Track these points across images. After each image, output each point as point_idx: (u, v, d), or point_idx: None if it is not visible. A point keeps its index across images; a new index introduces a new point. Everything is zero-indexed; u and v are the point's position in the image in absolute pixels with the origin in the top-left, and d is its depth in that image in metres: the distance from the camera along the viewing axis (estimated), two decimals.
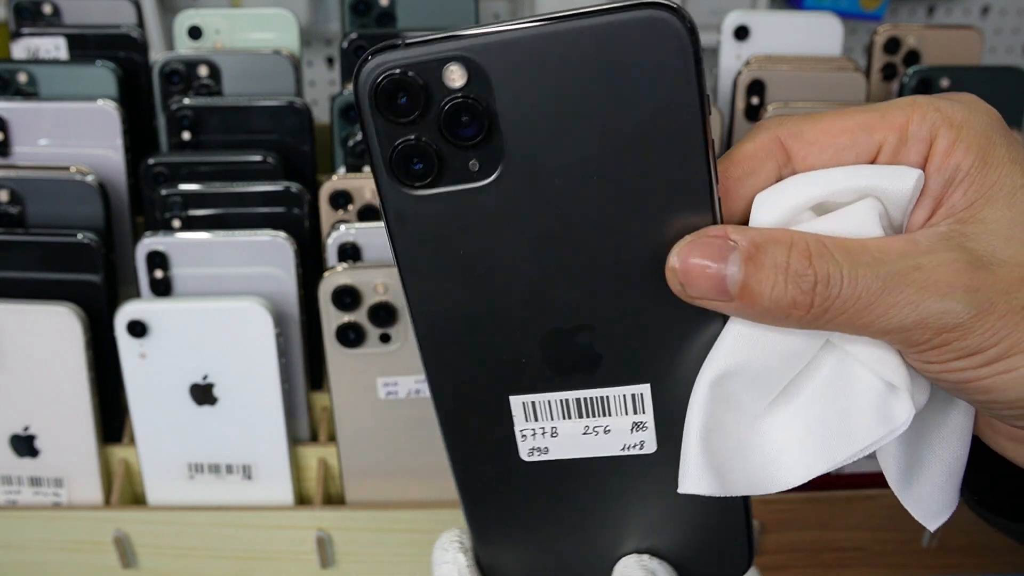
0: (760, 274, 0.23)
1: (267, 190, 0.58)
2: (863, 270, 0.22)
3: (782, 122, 0.25)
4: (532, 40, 0.20)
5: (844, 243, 0.23)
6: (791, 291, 0.22)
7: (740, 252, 0.23)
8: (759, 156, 0.25)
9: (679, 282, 0.23)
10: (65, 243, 0.55)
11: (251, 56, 0.67)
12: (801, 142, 0.25)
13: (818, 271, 0.22)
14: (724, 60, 0.75)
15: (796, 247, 0.23)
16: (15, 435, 0.56)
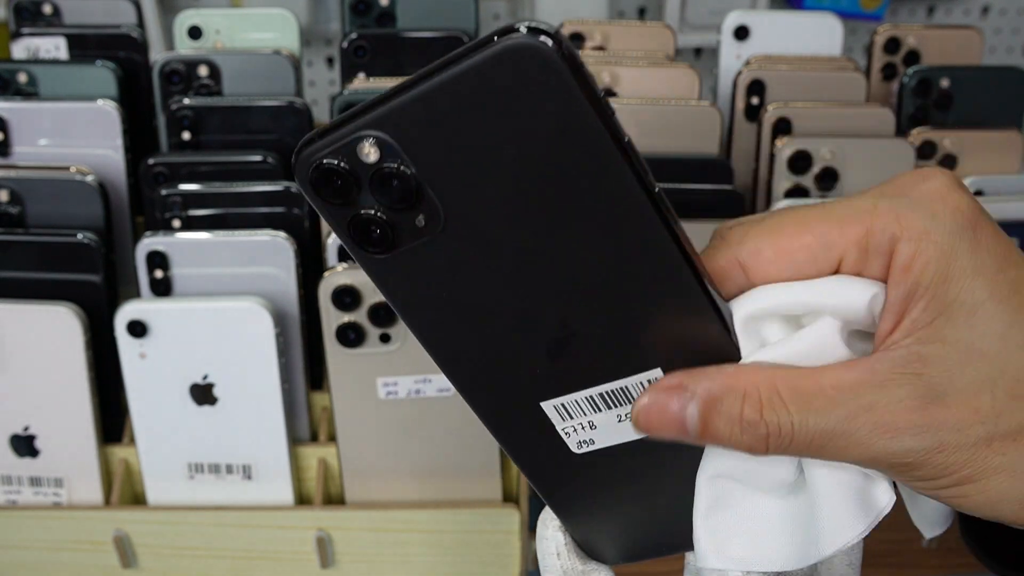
0: (717, 423, 0.24)
1: (267, 190, 0.58)
2: (814, 418, 0.23)
3: (741, 240, 0.25)
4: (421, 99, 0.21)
5: (801, 385, 0.23)
6: (746, 439, 0.24)
7: (696, 403, 0.24)
8: (719, 278, 0.25)
9: (639, 427, 0.25)
10: (65, 243, 0.55)
11: (251, 56, 0.67)
12: (760, 260, 0.25)
13: (768, 423, 0.23)
14: (724, 60, 0.75)
15: (749, 398, 0.24)
16: (15, 435, 0.56)
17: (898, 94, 0.72)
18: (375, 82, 0.65)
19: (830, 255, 0.24)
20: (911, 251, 0.23)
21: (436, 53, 0.69)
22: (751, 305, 0.25)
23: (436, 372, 0.53)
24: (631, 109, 0.64)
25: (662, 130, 0.65)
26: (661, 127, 0.65)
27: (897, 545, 0.60)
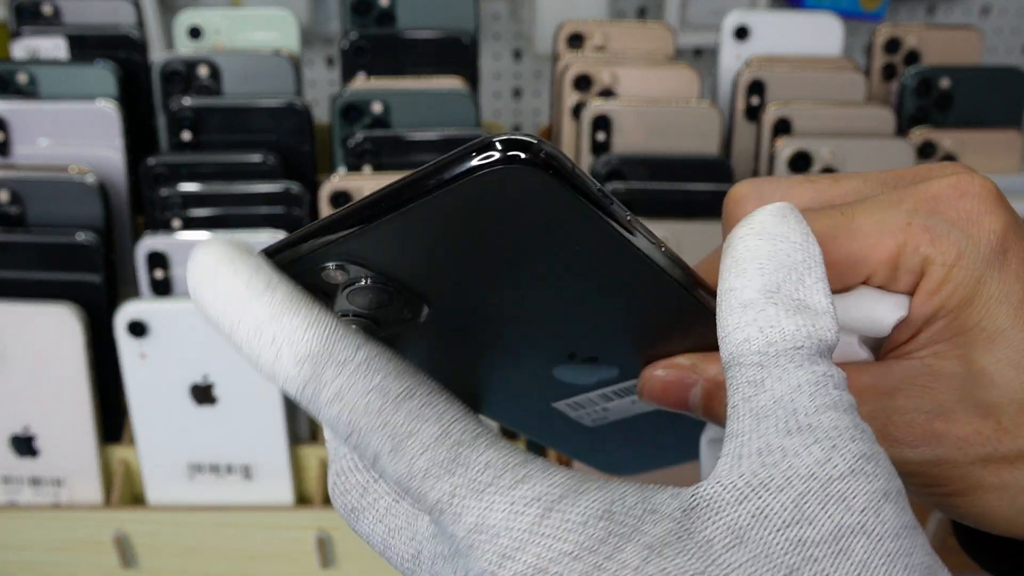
0: (717, 407, 0.25)
1: (267, 190, 0.58)
2: None
3: None
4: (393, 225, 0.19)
5: None
6: None
7: (701, 386, 0.25)
8: None
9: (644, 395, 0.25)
10: (65, 243, 0.55)
11: (251, 56, 0.67)
12: None
13: None
14: (724, 60, 0.75)
15: None
16: (15, 435, 0.56)
17: (898, 94, 0.72)
18: (375, 82, 0.65)
19: (859, 272, 0.24)
20: (941, 276, 0.23)
21: (436, 53, 0.69)
22: None
23: None
24: (631, 109, 0.64)
25: (662, 130, 0.65)
26: (661, 127, 0.65)
27: None
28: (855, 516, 0.19)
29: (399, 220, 0.19)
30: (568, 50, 0.72)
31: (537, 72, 1.19)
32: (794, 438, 0.19)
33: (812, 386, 0.20)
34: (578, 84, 0.68)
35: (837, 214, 0.24)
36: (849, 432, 0.19)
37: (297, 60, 0.69)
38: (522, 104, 1.21)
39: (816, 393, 0.20)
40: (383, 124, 0.64)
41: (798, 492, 0.19)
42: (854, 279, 0.24)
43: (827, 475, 0.19)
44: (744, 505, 0.19)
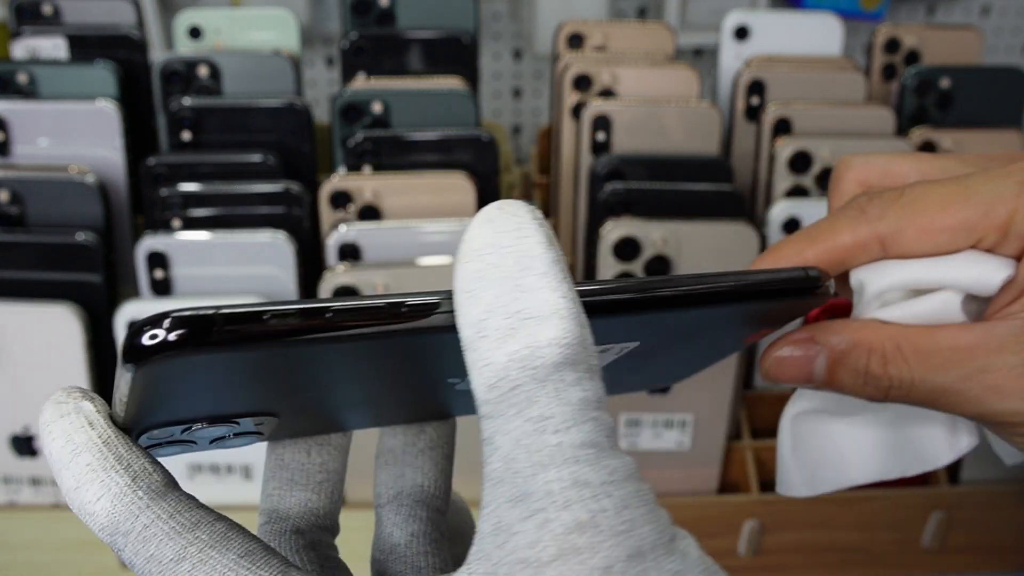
0: (843, 375, 0.26)
1: (267, 190, 0.58)
2: (932, 374, 0.25)
3: (881, 215, 0.26)
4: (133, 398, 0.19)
5: (919, 343, 0.25)
6: (868, 390, 0.26)
7: (825, 356, 0.26)
8: (855, 250, 0.26)
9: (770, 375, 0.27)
10: (65, 243, 0.55)
11: (251, 56, 0.67)
12: (901, 240, 0.26)
13: (892, 376, 0.26)
14: (724, 60, 0.75)
15: (874, 353, 0.26)
16: (15, 435, 0.56)
17: (898, 94, 0.72)
18: (375, 82, 0.65)
19: (970, 237, 0.25)
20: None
21: (436, 53, 0.69)
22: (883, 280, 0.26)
23: None
24: (631, 109, 0.64)
25: (662, 130, 0.65)
26: (661, 127, 0.64)
27: (897, 545, 0.60)
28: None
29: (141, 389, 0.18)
30: (568, 50, 0.72)
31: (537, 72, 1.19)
32: (516, 510, 0.17)
33: (528, 438, 0.17)
34: (578, 84, 0.68)
35: (952, 183, 0.26)
36: (563, 496, 0.17)
37: (297, 60, 0.69)
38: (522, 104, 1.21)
39: (532, 447, 0.17)
40: (383, 124, 0.64)
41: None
42: (965, 243, 0.25)
43: (538, 559, 0.17)
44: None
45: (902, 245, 0.26)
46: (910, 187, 0.26)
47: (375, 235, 0.55)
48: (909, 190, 0.26)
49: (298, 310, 0.17)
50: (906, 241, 0.26)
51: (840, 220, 0.27)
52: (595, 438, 0.17)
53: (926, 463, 0.29)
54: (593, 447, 0.17)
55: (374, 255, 0.55)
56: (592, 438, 0.17)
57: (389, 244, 0.55)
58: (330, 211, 0.58)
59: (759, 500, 0.59)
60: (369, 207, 0.58)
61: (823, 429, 0.29)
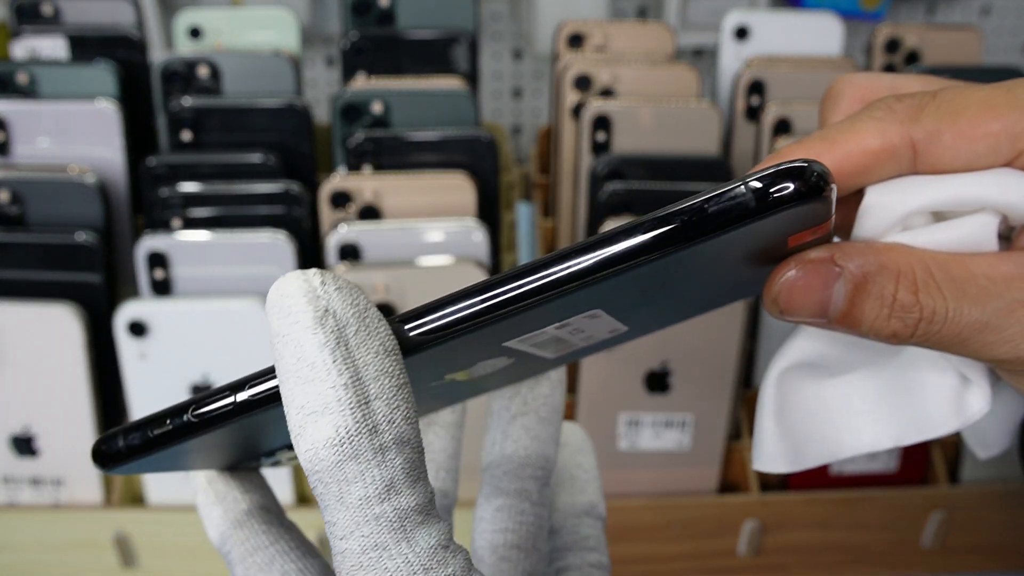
0: (865, 304, 0.22)
1: (267, 190, 0.58)
2: (968, 306, 0.21)
3: (915, 116, 0.22)
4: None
5: (951, 270, 0.21)
6: (894, 323, 0.22)
7: (846, 280, 0.21)
8: (883, 156, 0.22)
9: (779, 305, 0.22)
10: (65, 243, 0.55)
11: (251, 56, 0.67)
12: (937, 145, 0.22)
13: (924, 306, 0.21)
14: (724, 60, 0.75)
15: (904, 278, 0.21)
16: (15, 435, 0.56)
17: None
18: (375, 82, 0.65)
19: (1014, 146, 0.22)
20: None
21: (436, 53, 0.69)
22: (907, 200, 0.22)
23: None
24: (631, 109, 0.64)
25: (662, 130, 0.65)
26: (661, 127, 0.64)
27: (897, 545, 0.60)
28: None
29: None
30: (568, 50, 0.72)
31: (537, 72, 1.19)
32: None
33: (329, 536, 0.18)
34: (578, 84, 0.68)
35: (991, 87, 0.22)
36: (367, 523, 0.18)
37: (297, 60, 0.69)
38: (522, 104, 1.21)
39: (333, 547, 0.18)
40: (383, 124, 0.64)
41: None
42: (1008, 153, 0.22)
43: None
44: None
45: (937, 153, 0.22)
46: (943, 90, 0.22)
47: (375, 235, 0.55)
48: (943, 92, 0.22)
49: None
50: (942, 147, 0.22)
51: (864, 120, 0.22)
52: (377, 539, 0.18)
53: (926, 431, 0.25)
54: (375, 550, 0.18)
55: (374, 255, 0.55)
56: (373, 540, 0.17)
57: (389, 244, 0.55)
58: (330, 211, 0.58)
59: (759, 500, 0.59)
60: (369, 207, 0.58)
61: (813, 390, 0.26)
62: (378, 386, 0.18)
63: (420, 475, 0.18)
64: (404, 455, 0.18)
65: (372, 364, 0.18)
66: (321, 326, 0.17)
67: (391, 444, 0.18)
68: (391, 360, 0.18)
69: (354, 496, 0.17)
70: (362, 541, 0.17)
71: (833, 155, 0.22)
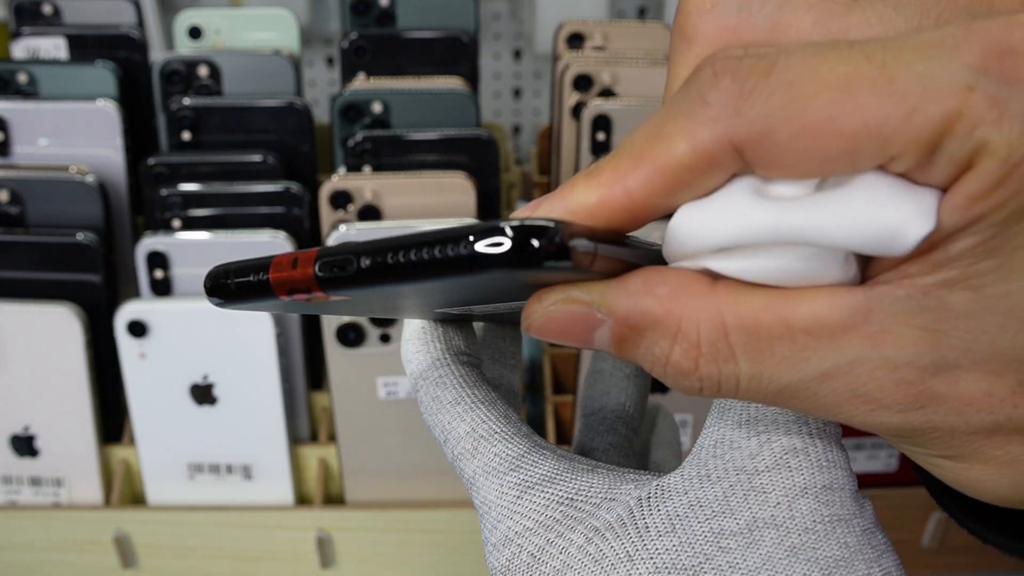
0: (635, 355, 0.18)
1: (267, 190, 0.58)
2: (771, 372, 0.17)
3: (737, 107, 0.16)
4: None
5: (759, 326, 0.17)
6: (672, 382, 0.18)
7: (609, 330, 0.18)
8: (697, 169, 0.16)
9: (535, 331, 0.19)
10: (65, 243, 0.55)
11: (251, 56, 0.67)
12: (770, 146, 0.16)
13: (704, 376, 0.17)
14: None
15: (684, 339, 0.17)
16: (15, 435, 0.56)
17: None
18: (375, 82, 0.65)
19: (880, 151, 0.15)
20: (999, 174, 0.15)
21: (436, 53, 0.69)
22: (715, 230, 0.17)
23: None
24: (631, 109, 0.64)
25: None
26: None
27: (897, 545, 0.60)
28: (768, 510, 0.19)
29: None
30: (568, 50, 0.72)
31: (537, 72, 1.19)
32: (741, 430, 0.20)
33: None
34: (578, 84, 0.68)
35: (860, 56, 0.15)
36: (786, 425, 0.20)
37: (297, 60, 0.69)
38: (522, 104, 1.21)
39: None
40: (383, 124, 0.64)
41: (729, 484, 0.20)
42: (868, 161, 0.15)
43: (754, 468, 0.20)
44: (687, 495, 0.20)
45: (771, 156, 0.16)
46: (788, 53, 0.15)
47: (375, 235, 0.55)
48: (786, 60, 0.15)
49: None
50: (778, 149, 0.15)
51: (672, 118, 0.16)
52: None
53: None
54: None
55: None
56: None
57: None
58: (330, 211, 0.58)
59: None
60: (369, 207, 0.58)
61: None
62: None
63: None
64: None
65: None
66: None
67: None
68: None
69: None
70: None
71: (640, 173, 0.17)
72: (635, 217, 0.17)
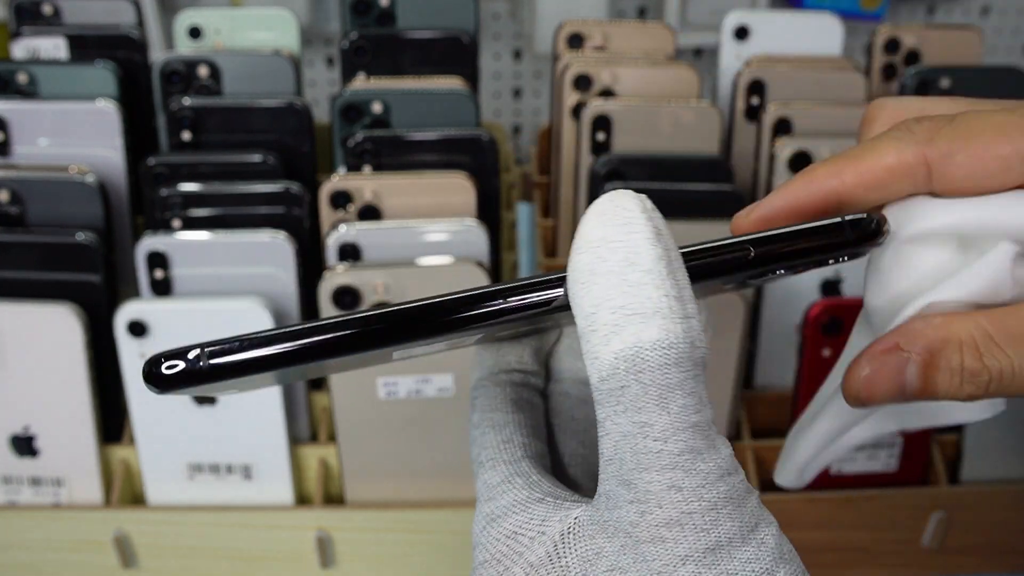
0: (937, 378, 0.23)
1: (267, 190, 0.58)
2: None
3: (931, 137, 0.24)
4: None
5: (1007, 326, 0.23)
6: (967, 388, 0.23)
7: (915, 362, 0.23)
8: (898, 172, 0.24)
9: (860, 400, 0.24)
10: (65, 243, 0.55)
11: (251, 56, 0.67)
12: (949, 164, 0.23)
13: (991, 368, 0.23)
14: (724, 60, 0.75)
15: (967, 347, 0.23)
16: (15, 435, 0.56)
17: (898, 94, 0.72)
18: (375, 82, 0.65)
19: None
20: None
21: (436, 53, 0.69)
22: (922, 220, 0.24)
23: (436, 372, 0.53)
24: (631, 109, 0.64)
25: (662, 130, 0.65)
26: (661, 127, 0.64)
27: (897, 545, 0.60)
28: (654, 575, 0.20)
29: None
30: (568, 50, 0.72)
31: (537, 72, 1.19)
32: (622, 489, 0.20)
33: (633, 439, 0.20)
34: (578, 84, 0.68)
35: (1005, 112, 0.23)
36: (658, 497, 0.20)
37: (297, 60, 0.69)
38: (522, 104, 1.21)
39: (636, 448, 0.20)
40: (383, 124, 0.64)
41: (621, 543, 0.20)
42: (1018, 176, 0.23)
43: (638, 535, 0.20)
44: (593, 541, 0.21)
45: (950, 172, 0.23)
46: (961, 114, 0.24)
47: (375, 235, 0.55)
48: (961, 116, 0.24)
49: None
50: (955, 167, 0.23)
51: (884, 140, 0.24)
52: (693, 444, 0.20)
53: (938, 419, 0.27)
54: (690, 453, 0.20)
55: (374, 255, 0.55)
56: (690, 445, 0.20)
57: (389, 244, 0.55)
58: (330, 211, 0.58)
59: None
60: (369, 207, 0.58)
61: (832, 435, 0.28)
62: (692, 307, 0.20)
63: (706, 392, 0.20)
64: (704, 372, 0.20)
65: (687, 287, 0.20)
66: (659, 240, 0.20)
67: (701, 361, 0.20)
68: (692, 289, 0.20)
69: (676, 403, 0.19)
70: (680, 445, 0.19)
71: (854, 170, 0.24)
72: (841, 202, 0.24)
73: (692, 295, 0.20)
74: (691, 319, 0.20)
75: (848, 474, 0.61)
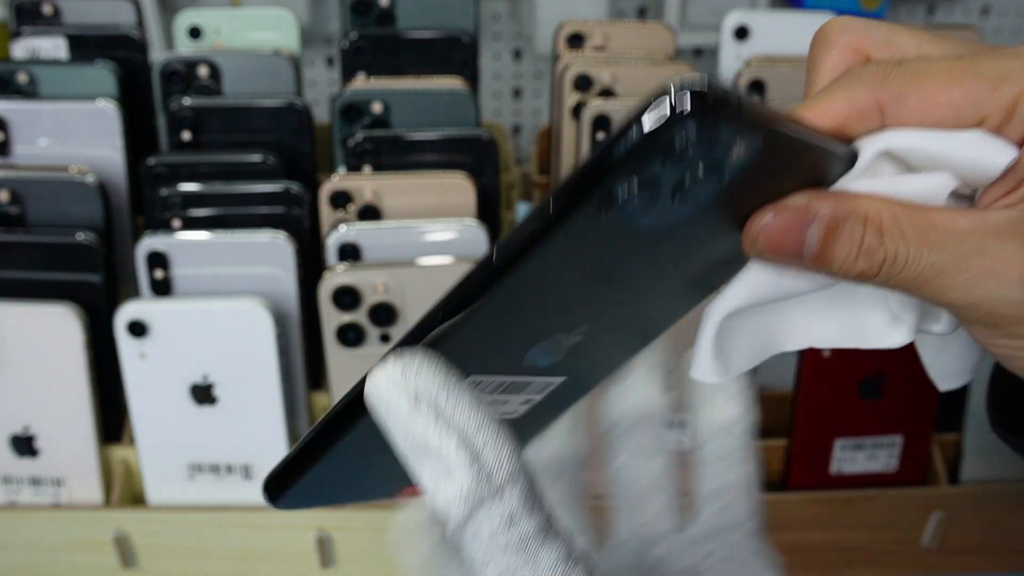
0: (836, 245, 0.24)
1: (267, 190, 0.58)
2: (927, 251, 0.23)
3: (882, 81, 0.24)
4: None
5: (915, 217, 0.24)
6: (860, 264, 0.24)
7: (819, 223, 0.23)
8: (853, 117, 0.24)
9: (757, 247, 0.24)
10: (65, 243, 0.55)
11: (251, 56, 0.67)
12: (901, 107, 0.24)
13: (887, 249, 0.24)
14: (724, 60, 0.75)
15: (871, 223, 0.24)
16: (15, 435, 0.56)
17: None
18: (375, 82, 0.65)
19: (976, 113, 0.24)
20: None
21: (436, 53, 0.69)
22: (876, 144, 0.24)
23: None
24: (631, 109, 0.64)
25: None
26: None
27: (897, 545, 0.60)
28: None
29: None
30: (568, 50, 0.72)
31: (537, 72, 1.19)
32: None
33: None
34: (578, 84, 0.68)
35: (956, 59, 0.24)
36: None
37: (297, 60, 0.69)
38: (522, 104, 1.21)
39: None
40: (383, 124, 0.64)
41: None
42: (970, 119, 0.24)
43: None
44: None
45: (902, 114, 0.24)
46: (912, 60, 0.25)
47: (375, 235, 0.55)
48: (911, 61, 0.24)
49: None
50: (907, 110, 0.24)
51: (836, 87, 0.25)
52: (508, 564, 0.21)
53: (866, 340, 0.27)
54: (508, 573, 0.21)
55: (374, 255, 0.55)
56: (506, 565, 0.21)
57: (389, 244, 0.55)
58: (330, 211, 0.58)
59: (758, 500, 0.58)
60: (369, 207, 0.58)
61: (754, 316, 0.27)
62: (481, 438, 0.21)
63: (535, 500, 0.21)
64: (517, 488, 0.21)
65: (469, 422, 0.21)
66: (418, 410, 0.21)
67: (505, 483, 0.21)
68: (481, 411, 0.21)
69: (484, 533, 0.21)
70: (498, 568, 0.21)
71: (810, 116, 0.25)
72: None
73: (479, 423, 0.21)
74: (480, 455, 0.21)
75: (848, 474, 0.61)
